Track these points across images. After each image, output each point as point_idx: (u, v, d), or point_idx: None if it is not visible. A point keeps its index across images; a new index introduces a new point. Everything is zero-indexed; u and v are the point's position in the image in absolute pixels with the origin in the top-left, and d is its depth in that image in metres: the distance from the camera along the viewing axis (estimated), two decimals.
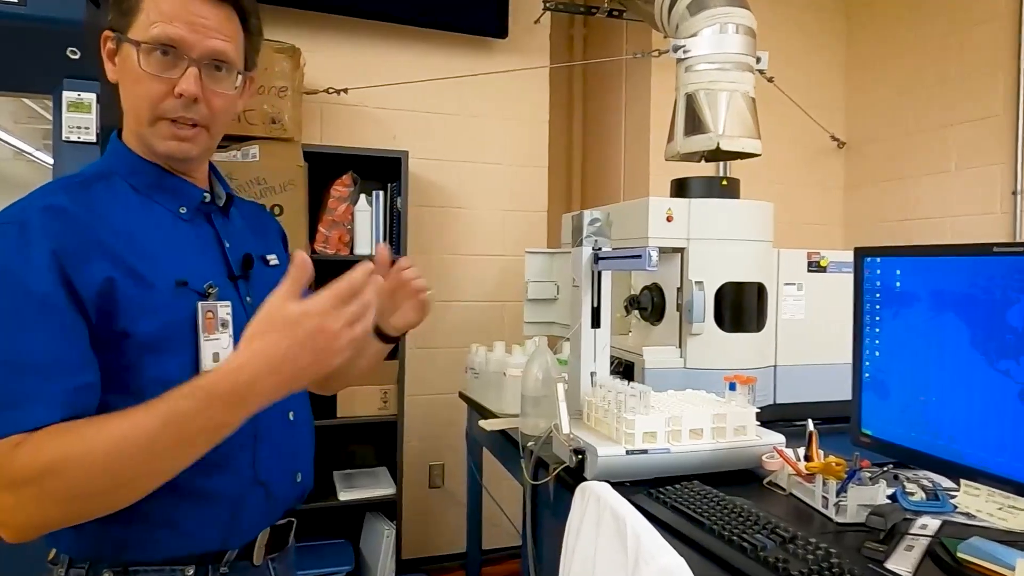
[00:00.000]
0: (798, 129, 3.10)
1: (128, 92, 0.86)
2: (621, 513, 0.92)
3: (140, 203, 0.86)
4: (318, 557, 2.27)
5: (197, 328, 0.82)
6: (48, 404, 0.71)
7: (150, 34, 0.81)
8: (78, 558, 0.82)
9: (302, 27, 2.48)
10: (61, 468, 0.68)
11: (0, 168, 2.40)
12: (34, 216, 0.76)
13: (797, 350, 1.79)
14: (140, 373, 0.79)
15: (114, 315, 0.77)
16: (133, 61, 0.82)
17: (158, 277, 0.81)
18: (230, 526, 0.86)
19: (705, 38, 1.79)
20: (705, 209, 1.70)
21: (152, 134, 0.85)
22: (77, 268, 0.75)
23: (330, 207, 2.34)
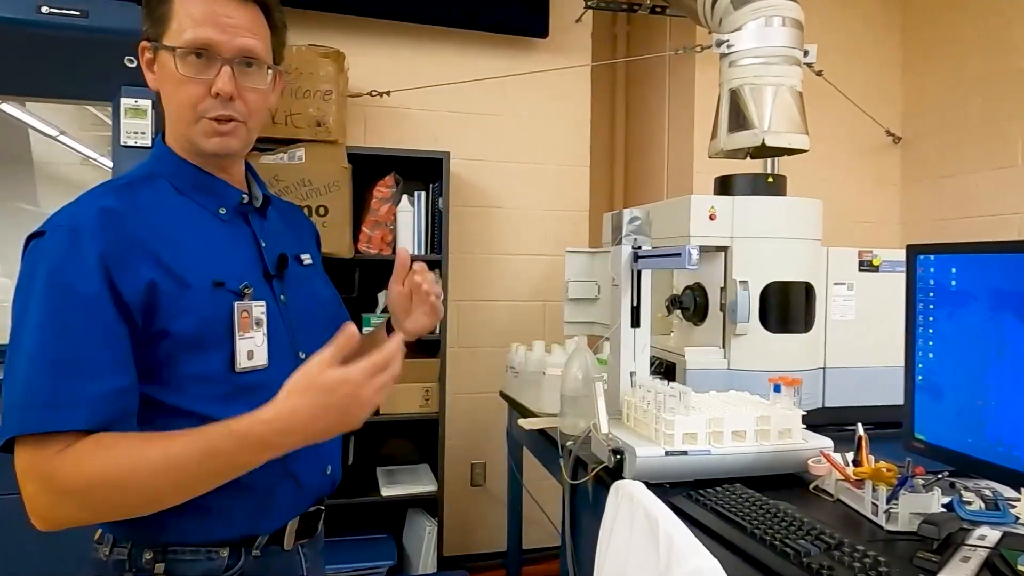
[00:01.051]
0: (851, 124, 3.00)
1: (169, 96, 0.90)
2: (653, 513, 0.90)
3: (182, 204, 0.90)
4: (361, 551, 2.31)
5: (233, 327, 0.86)
6: (86, 406, 0.74)
7: (184, 39, 0.85)
8: (121, 539, 0.86)
9: (346, 32, 2.53)
10: (101, 485, 0.74)
11: (68, 172, 2.52)
12: (86, 220, 0.80)
13: (847, 352, 1.73)
14: (178, 369, 0.83)
15: (155, 315, 0.81)
16: (171, 67, 0.86)
17: (196, 278, 0.84)
18: (261, 513, 0.89)
19: (750, 32, 1.75)
20: (749, 207, 1.66)
21: (196, 133, 0.89)
22: (123, 272, 0.79)
23: (373, 207, 2.38)
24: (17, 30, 1.61)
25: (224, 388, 0.85)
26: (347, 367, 0.76)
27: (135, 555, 0.85)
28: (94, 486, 0.74)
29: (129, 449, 0.75)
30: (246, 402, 0.84)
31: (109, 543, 0.87)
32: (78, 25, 1.55)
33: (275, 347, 0.90)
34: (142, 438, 0.77)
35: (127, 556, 0.85)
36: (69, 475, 0.73)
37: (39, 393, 0.74)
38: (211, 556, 0.87)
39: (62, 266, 0.77)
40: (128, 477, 0.74)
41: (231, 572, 0.88)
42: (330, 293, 1.14)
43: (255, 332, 0.88)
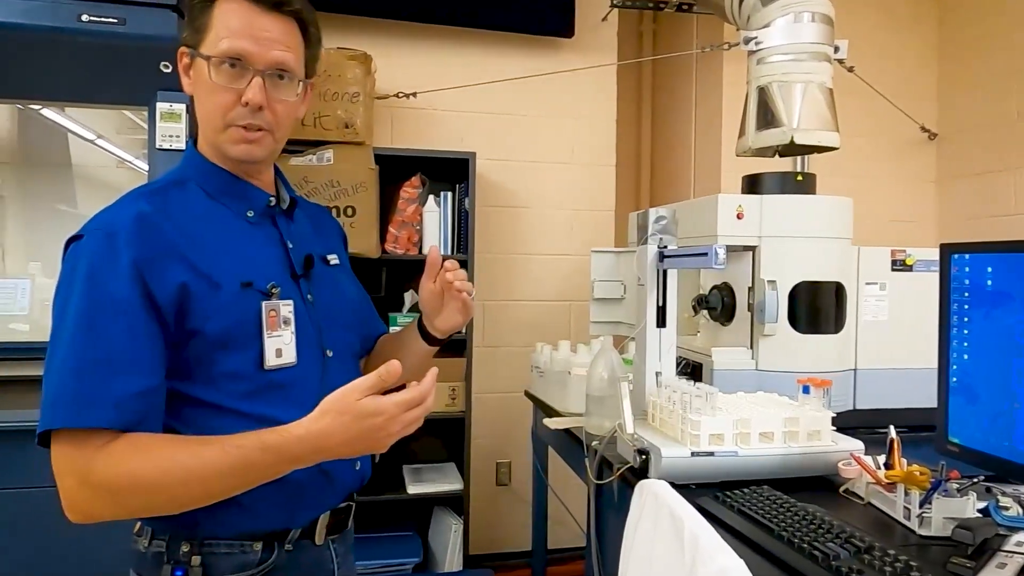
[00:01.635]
0: (884, 120, 2.93)
1: (201, 102, 0.93)
2: (679, 512, 0.90)
3: (212, 208, 0.93)
4: (388, 547, 2.33)
5: (261, 326, 0.89)
6: (115, 405, 0.77)
7: (219, 48, 0.88)
8: (159, 531, 0.89)
9: (373, 34, 2.56)
10: (135, 487, 0.78)
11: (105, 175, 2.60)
12: (121, 225, 0.83)
13: (879, 353, 1.70)
14: (211, 367, 0.86)
15: (187, 316, 0.84)
16: (205, 74, 0.89)
17: (225, 279, 0.87)
18: (293, 508, 0.92)
19: (778, 28, 1.72)
20: (778, 205, 1.64)
21: (224, 139, 0.92)
22: (156, 275, 0.82)
23: (400, 208, 2.41)
24: (58, 38, 1.66)
25: (254, 385, 0.88)
26: (383, 399, 0.79)
27: (173, 548, 0.88)
28: (129, 487, 0.77)
29: (165, 454, 0.79)
30: (275, 398, 0.88)
31: (148, 535, 0.90)
32: (116, 32, 1.60)
33: (303, 345, 0.93)
34: (178, 443, 0.80)
35: (165, 548, 0.88)
36: (106, 474, 0.77)
37: (70, 390, 0.77)
38: (245, 550, 0.89)
39: (98, 269, 0.80)
40: (162, 481, 0.78)
41: (264, 566, 0.90)
42: (357, 292, 1.16)
43: (283, 331, 0.90)
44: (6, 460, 1.71)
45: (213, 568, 0.88)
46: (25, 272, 2.36)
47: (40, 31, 1.62)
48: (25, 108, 2.34)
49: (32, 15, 1.60)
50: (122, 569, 0.93)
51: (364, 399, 0.78)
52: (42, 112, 2.36)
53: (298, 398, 0.90)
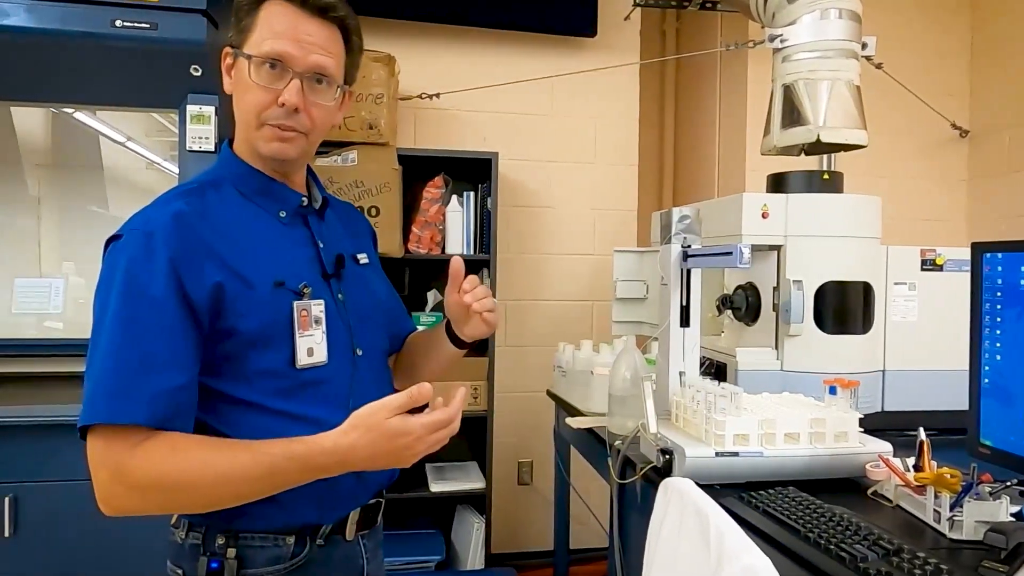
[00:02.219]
0: (913, 118, 2.88)
1: (239, 101, 0.94)
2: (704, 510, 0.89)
3: (246, 208, 0.95)
4: (411, 545, 2.35)
5: (293, 325, 0.90)
6: (148, 402, 0.79)
7: (261, 49, 0.90)
8: (196, 524, 0.91)
9: (397, 36, 2.58)
10: (167, 487, 0.80)
11: (135, 177, 2.66)
12: (159, 225, 0.84)
13: (909, 354, 1.67)
14: (245, 365, 0.88)
15: (221, 314, 0.86)
16: (245, 73, 0.91)
17: (259, 279, 0.89)
18: (325, 503, 0.93)
19: (805, 25, 1.70)
20: (804, 204, 1.62)
21: (258, 137, 0.93)
22: (191, 274, 0.83)
23: (423, 208, 2.42)
24: (92, 43, 1.71)
25: (287, 383, 0.90)
26: (412, 419, 0.81)
27: (209, 540, 0.90)
28: (160, 486, 0.80)
29: (198, 457, 0.81)
30: (307, 396, 0.90)
31: (184, 528, 0.92)
32: (148, 37, 1.63)
33: (334, 344, 0.94)
34: (211, 446, 0.82)
35: (201, 541, 0.90)
36: (139, 472, 0.79)
37: (107, 387, 0.79)
38: (278, 543, 0.91)
39: (136, 268, 0.82)
40: (194, 483, 0.80)
41: (296, 560, 0.92)
42: (387, 291, 1.17)
43: (314, 330, 0.92)
44: (45, 453, 1.76)
45: (247, 561, 0.90)
46: (59, 272, 2.43)
47: (75, 37, 1.66)
48: (59, 111, 2.40)
49: (67, 21, 1.65)
50: (160, 560, 0.95)
51: (393, 418, 0.80)
52: (75, 116, 2.42)
53: (329, 396, 0.93)
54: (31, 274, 2.37)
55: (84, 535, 1.74)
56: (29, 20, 1.63)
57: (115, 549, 1.70)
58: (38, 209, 2.40)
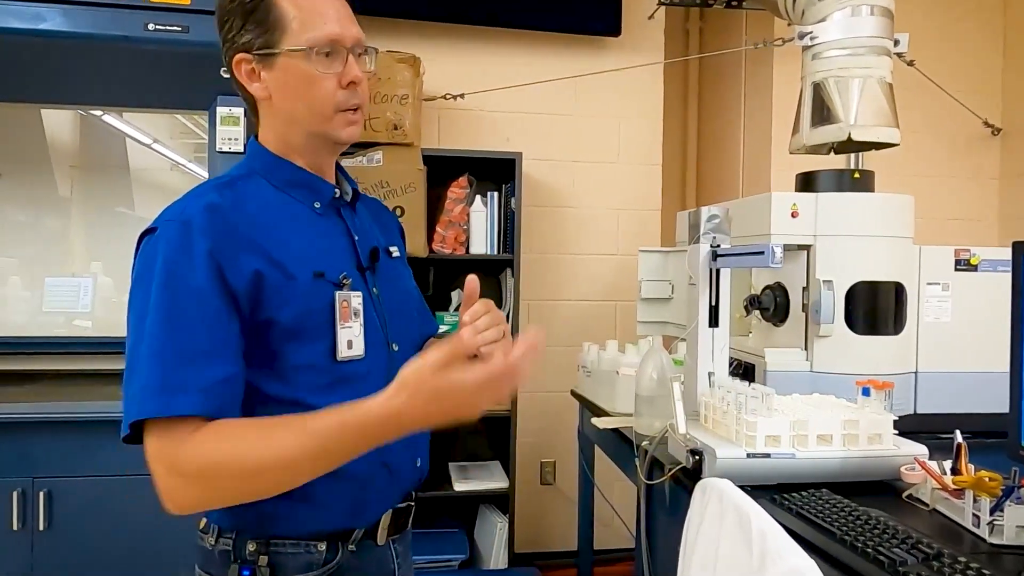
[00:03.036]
0: (943, 116, 2.83)
1: (299, 98, 0.90)
2: (745, 510, 0.88)
3: (280, 199, 0.93)
4: (435, 543, 2.36)
5: (334, 316, 0.88)
6: (199, 392, 0.78)
7: (313, 39, 0.88)
8: (226, 529, 0.90)
9: (421, 37, 2.59)
10: (221, 473, 0.78)
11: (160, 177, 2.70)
12: (194, 215, 0.83)
13: (942, 356, 1.64)
14: (284, 358, 0.86)
15: (261, 305, 0.84)
16: (301, 68, 0.88)
17: (298, 269, 0.87)
18: (358, 504, 0.92)
19: (835, 22, 1.68)
20: (835, 204, 1.60)
21: (333, 127, 0.92)
22: (230, 263, 0.82)
23: (447, 208, 2.43)
24: (125, 47, 1.74)
25: (327, 378, 0.88)
26: (461, 375, 0.74)
27: (239, 546, 0.89)
28: (218, 473, 0.78)
29: (249, 440, 0.79)
30: (345, 392, 0.86)
31: (214, 533, 0.90)
32: (180, 40, 1.66)
33: (370, 338, 0.93)
34: (264, 428, 0.80)
35: (231, 547, 0.89)
36: (196, 461, 0.77)
37: (155, 380, 0.78)
38: (310, 550, 0.89)
39: (174, 260, 0.80)
40: (248, 467, 0.78)
41: (329, 566, 0.90)
42: (415, 286, 1.16)
43: (353, 322, 0.91)
44: (78, 449, 1.79)
45: (280, 568, 0.88)
46: (88, 271, 2.48)
47: (109, 40, 1.69)
48: (87, 114, 2.44)
49: (101, 25, 1.68)
50: (188, 563, 0.95)
51: (440, 377, 0.74)
52: (103, 118, 2.46)
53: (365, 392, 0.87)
54: (61, 273, 2.42)
55: (116, 530, 1.77)
56: (64, 24, 1.67)
57: (147, 544, 1.73)
58: (68, 209, 2.45)
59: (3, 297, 2.38)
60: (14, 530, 1.77)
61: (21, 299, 2.38)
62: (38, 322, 2.38)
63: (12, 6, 1.61)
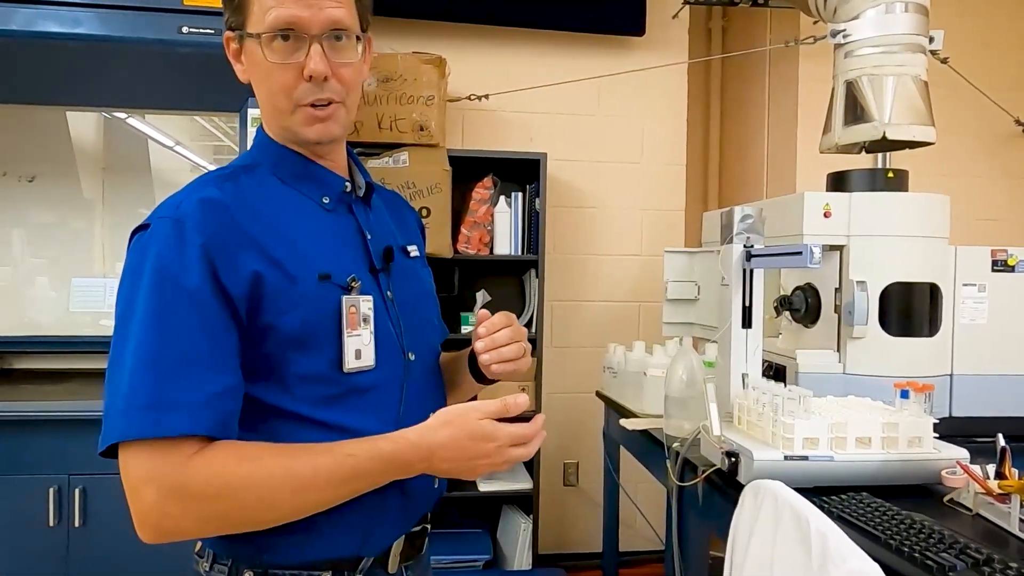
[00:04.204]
0: (976, 114, 2.78)
1: (261, 86, 0.83)
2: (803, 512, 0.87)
3: (285, 193, 0.85)
4: (458, 543, 2.36)
5: (341, 323, 0.80)
6: (198, 409, 0.70)
7: (267, 22, 0.78)
8: (221, 555, 0.82)
9: (446, 38, 2.60)
10: (237, 496, 0.71)
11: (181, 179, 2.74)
12: (188, 211, 0.75)
13: (978, 358, 1.61)
14: (285, 367, 0.78)
15: (260, 309, 0.76)
16: (258, 55, 0.80)
17: (302, 270, 0.79)
18: (368, 531, 0.83)
19: (869, 19, 1.66)
20: (869, 203, 1.58)
21: (295, 123, 0.83)
22: (227, 263, 0.74)
23: (472, 208, 2.44)
24: (159, 50, 1.76)
25: (333, 390, 0.80)
26: (500, 424, 0.75)
27: (235, 574, 0.81)
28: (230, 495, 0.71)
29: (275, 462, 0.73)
30: (353, 405, 0.80)
31: (209, 559, 0.83)
32: (213, 42, 1.67)
33: (382, 346, 0.84)
34: (286, 452, 0.74)
35: (227, 574, 0.81)
36: (201, 483, 0.70)
37: (144, 393, 0.69)
38: None
39: (166, 259, 0.73)
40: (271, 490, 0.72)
41: None
42: (434, 289, 1.06)
43: (362, 330, 0.82)
44: None
45: None
46: (112, 272, 2.51)
47: (143, 43, 1.71)
48: (111, 116, 2.47)
49: (136, 28, 1.70)
50: None
51: (484, 421, 0.75)
52: (127, 120, 2.49)
53: (377, 405, 0.83)
54: (87, 274, 2.45)
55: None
56: (100, 28, 1.69)
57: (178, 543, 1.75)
58: (92, 211, 2.49)
59: (32, 297, 2.41)
60: (50, 526, 1.80)
61: (49, 299, 2.42)
62: (65, 321, 2.41)
63: (51, 11, 1.64)
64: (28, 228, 2.41)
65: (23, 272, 2.40)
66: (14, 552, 1.79)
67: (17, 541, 1.79)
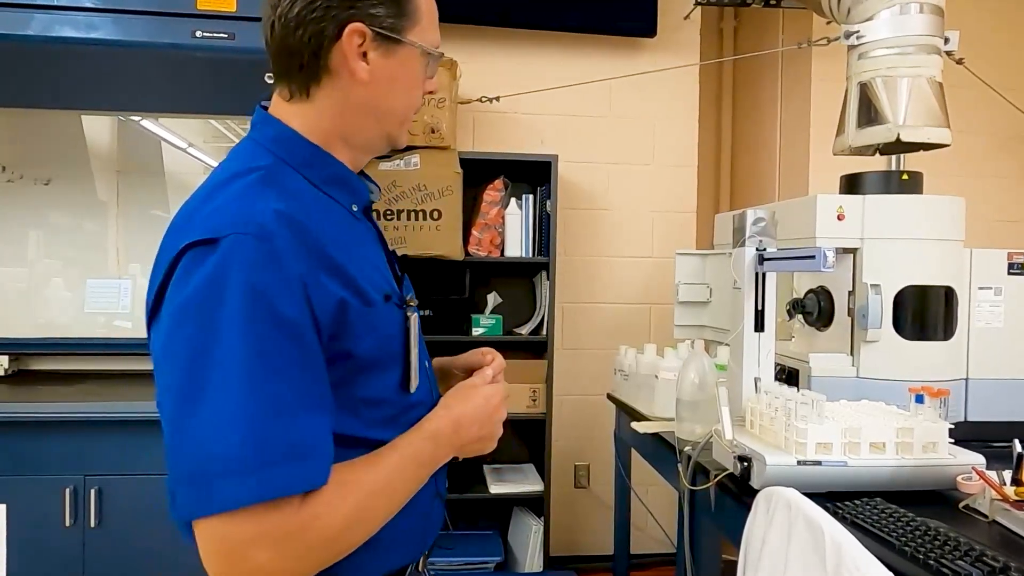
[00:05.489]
0: (993, 114, 2.74)
1: (397, 95, 0.80)
2: (816, 521, 0.87)
3: (324, 200, 0.77)
4: (469, 545, 2.36)
5: (408, 343, 0.79)
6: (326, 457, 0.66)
7: (432, 40, 0.81)
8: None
9: (457, 40, 2.60)
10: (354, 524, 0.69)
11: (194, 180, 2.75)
12: (272, 226, 0.65)
13: (994, 362, 1.60)
14: (352, 392, 0.73)
15: (339, 336, 0.70)
16: (418, 68, 0.81)
17: (373, 292, 0.75)
18: (420, 539, 0.85)
19: (883, 20, 1.65)
20: (883, 206, 1.57)
21: (402, 131, 0.85)
22: (318, 291, 0.67)
23: (483, 211, 2.44)
24: (173, 54, 1.78)
25: (393, 411, 0.78)
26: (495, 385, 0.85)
27: None
28: (350, 526, 0.68)
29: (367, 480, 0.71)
30: (406, 424, 0.79)
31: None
32: (227, 46, 1.69)
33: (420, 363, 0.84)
34: (364, 466, 0.72)
35: None
36: (327, 524, 0.65)
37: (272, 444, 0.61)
38: None
39: (262, 283, 0.63)
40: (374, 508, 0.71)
41: None
42: None
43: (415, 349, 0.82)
44: (127, 447, 1.84)
45: None
46: (127, 273, 2.53)
47: (158, 48, 1.73)
48: (126, 119, 2.50)
49: (151, 33, 1.72)
50: None
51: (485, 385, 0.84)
52: (141, 123, 2.51)
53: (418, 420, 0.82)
54: (101, 275, 2.47)
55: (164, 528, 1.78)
56: (116, 33, 1.71)
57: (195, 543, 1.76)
58: (107, 213, 2.51)
59: (47, 299, 2.44)
60: (66, 527, 1.82)
61: (64, 300, 2.44)
62: (80, 322, 2.43)
63: (67, 16, 1.66)
64: (44, 230, 2.43)
65: (39, 273, 2.43)
66: (31, 552, 1.81)
67: (33, 541, 1.81)
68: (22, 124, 2.39)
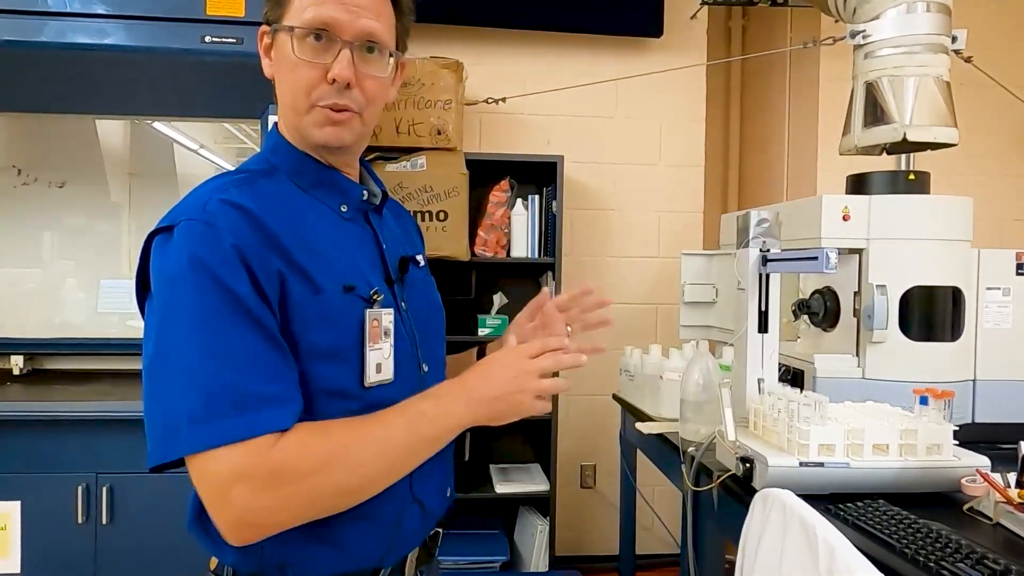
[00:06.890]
0: (1002, 113, 2.72)
1: (283, 82, 0.83)
2: (811, 523, 0.87)
3: (305, 200, 0.83)
4: (475, 544, 2.37)
5: (364, 337, 0.79)
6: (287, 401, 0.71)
7: (303, 18, 0.78)
8: (241, 572, 0.80)
9: (463, 42, 2.61)
10: (325, 466, 0.71)
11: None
12: (217, 212, 0.73)
13: (1003, 363, 1.59)
14: (311, 382, 0.76)
15: (287, 320, 0.75)
16: (288, 49, 0.79)
17: (327, 281, 0.78)
18: (389, 544, 0.84)
19: (889, 20, 1.64)
20: (889, 206, 1.57)
21: (307, 123, 0.81)
22: (261, 268, 0.73)
23: (489, 212, 2.45)
24: (182, 59, 1.80)
25: (355, 405, 0.79)
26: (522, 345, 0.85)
27: None
28: (325, 466, 0.71)
29: (351, 431, 0.74)
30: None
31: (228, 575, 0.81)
32: (235, 51, 1.71)
33: (400, 360, 0.84)
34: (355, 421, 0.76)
35: None
36: (294, 461, 0.70)
37: (231, 391, 0.68)
38: None
39: (208, 260, 0.70)
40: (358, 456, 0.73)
41: None
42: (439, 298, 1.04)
43: (383, 343, 0.81)
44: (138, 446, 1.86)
45: None
46: None
47: (167, 53, 1.75)
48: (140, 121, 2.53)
49: (160, 39, 1.74)
50: None
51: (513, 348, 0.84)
52: (153, 125, 2.55)
53: None
54: (114, 275, 2.51)
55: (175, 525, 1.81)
56: (126, 38, 1.73)
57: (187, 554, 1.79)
58: (120, 214, 2.54)
59: (61, 299, 2.48)
60: (79, 523, 1.84)
61: (78, 300, 2.48)
62: (93, 322, 2.47)
63: (79, 22, 1.69)
64: (58, 232, 2.47)
65: (53, 274, 2.47)
66: (43, 549, 1.84)
67: (46, 538, 1.84)
68: (37, 128, 2.43)
